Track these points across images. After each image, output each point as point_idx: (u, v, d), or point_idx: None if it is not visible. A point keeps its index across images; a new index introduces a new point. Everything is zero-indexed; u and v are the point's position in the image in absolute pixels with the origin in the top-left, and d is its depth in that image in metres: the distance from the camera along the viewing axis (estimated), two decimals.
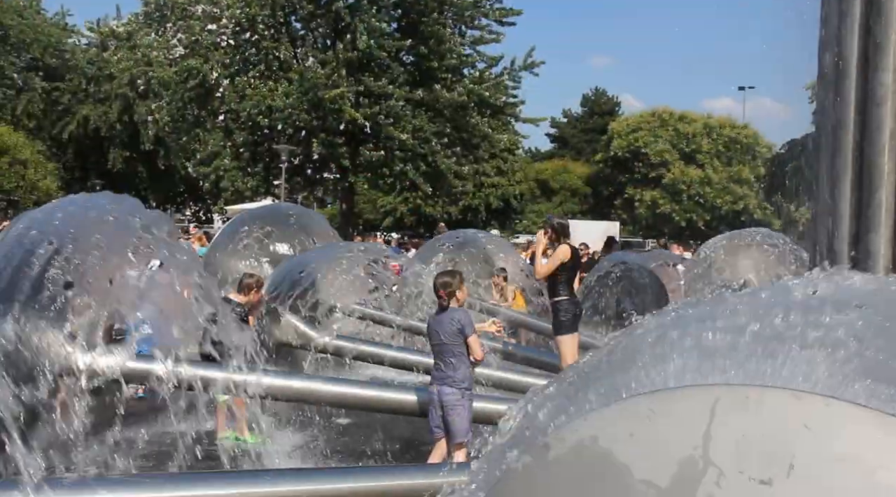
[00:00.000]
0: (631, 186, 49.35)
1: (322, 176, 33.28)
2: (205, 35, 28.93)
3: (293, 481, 2.93)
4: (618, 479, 1.64)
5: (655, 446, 1.60)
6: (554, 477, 1.77)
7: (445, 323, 5.27)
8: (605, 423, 1.71)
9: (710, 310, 2.25)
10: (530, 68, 30.56)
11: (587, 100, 63.14)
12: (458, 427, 5.13)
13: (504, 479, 1.90)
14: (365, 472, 3.16)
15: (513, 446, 2.10)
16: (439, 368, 5.24)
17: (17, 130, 41.18)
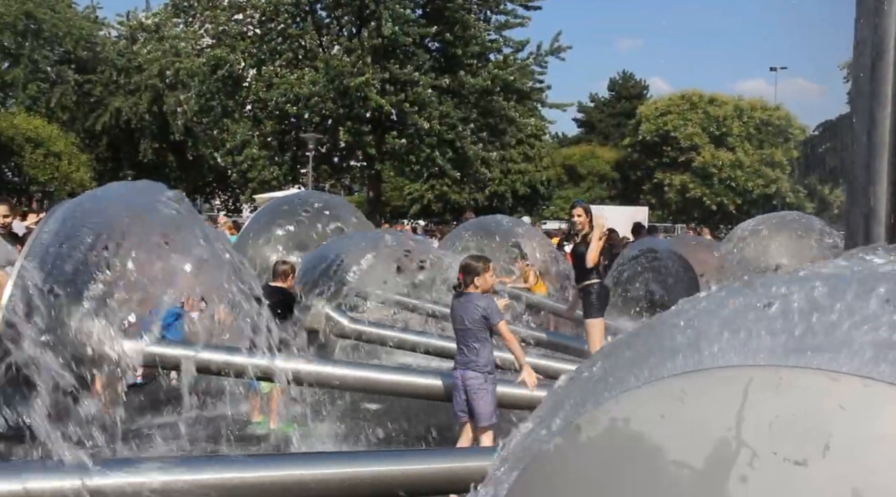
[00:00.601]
0: (660, 171, 48.75)
1: (349, 164, 33.42)
2: (231, 25, 29.12)
3: (320, 464, 2.96)
4: (649, 460, 1.64)
5: (688, 427, 1.60)
6: (586, 458, 1.78)
7: (470, 309, 5.26)
8: (636, 405, 1.71)
9: (746, 292, 2.24)
10: (557, 53, 30.27)
11: (615, 83, 62.41)
12: (483, 411, 5.15)
13: (536, 461, 1.91)
14: (393, 456, 3.19)
15: (544, 429, 2.11)
16: (462, 353, 5.24)
17: (52, 123, 41.99)
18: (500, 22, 30.51)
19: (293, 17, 28.94)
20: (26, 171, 39.61)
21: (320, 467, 2.92)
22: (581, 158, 51.96)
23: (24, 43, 43.91)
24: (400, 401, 6.82)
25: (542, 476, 1.88)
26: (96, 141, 46.39)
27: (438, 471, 2.72)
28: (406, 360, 7.62)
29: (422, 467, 2.78)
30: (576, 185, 51.23)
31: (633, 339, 2.35)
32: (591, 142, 57.46)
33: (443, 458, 2.86)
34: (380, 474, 2.75)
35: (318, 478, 2.84)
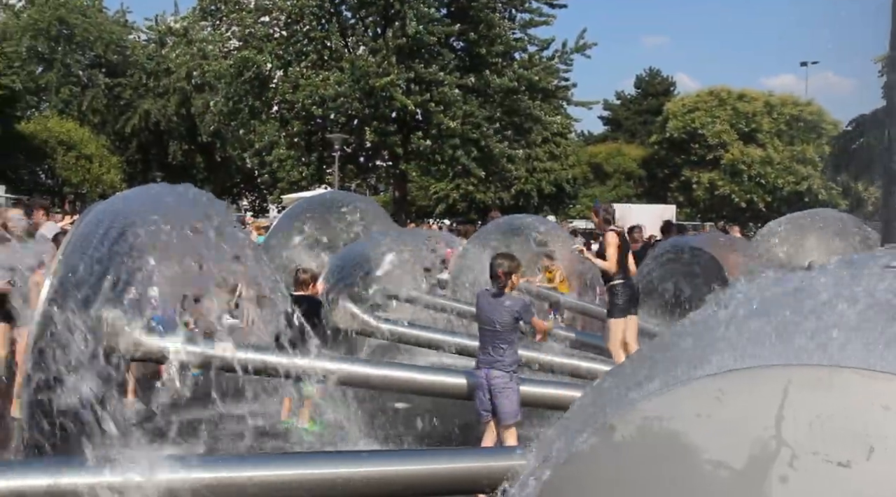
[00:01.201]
0: (688, 168, 48.19)
1: (374, 164, 33.55)
2: (257, 27, 29.39)
3: (346, 463, 2.97)
4: (685, 459, 1.62)
5: (725, 427, 1.57)
6: (620, 457, 1.76)
7: (502, 312, 5.20)
8: (671, 404, 1.69)
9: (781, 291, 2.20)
10: (582, 50, 30.09)
11: (641, 81, 61.88)
12: (507, 409, 5.13)
13: (569, 460, 1.90)
14: (418, 455, 3.19)
15: (577, 428, 2.10)
16: (487, 352, 5.20)
17: (83, 126, 42.81)
18: (524, 20, 30.42)
19: (318, 19, 29.13)
20: (59, 174, 40.42)
21: (346, 466, 2.92)
22: (607, 156, 51.57)
23: (57, 48, 44.83)
24: (427, 400, 6.84)
25: (575, 475, 1.87)
26: (126, 143, 47.19)
27: (464, 470, 2.71)
28: (431, 359, 7.63)
29: (447, 466, 2.78)
30: (602, 183, 50.86)
31: (666, 339, 2.33)
32: (618, 139, 57.01)
33: (468, 457, 2.85)
34: (405, 473, 2.76)
35: (344, 476, 2.84)
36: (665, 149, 49.96)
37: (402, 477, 2.74)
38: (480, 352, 5.25)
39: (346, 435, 5.70)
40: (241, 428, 5.66)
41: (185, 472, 2.69)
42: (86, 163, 40.64)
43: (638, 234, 13.20)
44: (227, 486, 2.64)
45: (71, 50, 45.23)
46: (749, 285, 2.30)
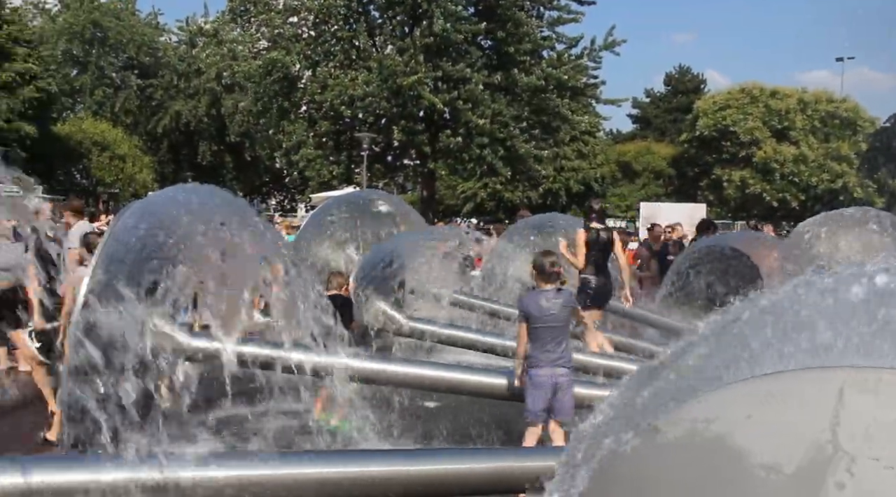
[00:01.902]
0: (718, 167, 47.50)
1: (402, 162, 33.65)
2: (286, 27, 29.63)
3: (386, 462, 2.96)
4: (735, 462, 1.58)
5: (776, 430, 1.53)
6: (665, 460, 1.72)
7: (561, 307, 5.24)
8: (720, 406, 1.65)
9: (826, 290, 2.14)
10: (611, 47, 29.85)
11: (671, 78, 61.17)
12: (570, 406, 5.14)
13: (610, 461, 1.86)
14: (460, 454, 3.17)
15: (617, 429, 2.06)
16: (547, 350, 5.16)
17: (116, 127, 43.59)
18: (552, 18, 30.26)
19: (346, 19, 29.28)
20: (94, 174, 41.19)
21: (381, 465, 2.91)
22: (636, 155, 51.07)
23: (91, 51, 45.72)
24: (457, 399, 6.82)
25: (617, 478, 1.84)
26: (158, 143, 47.95)
27: (508, 469, 2.69)
28: (459, 358, 7.60)
29: (492, 465, 2.76)
30: (631, 182, 50.39)
31: (710, 338, 2.28)
32: (647, 138, 56.42)
33: (513, 456, 2.83)
34: (447, 473, 2.74)
35: (380, 475, 2.84)
36: (695, 147, 49.33)
37: (446, 476, 2.73)
38: (538, 351, 5.17)
39: (377, 433, 5.70)
40: (275, 425, 5.71)
41: (221, 469, 2.71)
42: (119, 163, 41.38)
43: (658, 231, 13.10)
44: (267, 483, 2.64)
45: (104, 52, 46.10)
46: (793, 284, 2.24)
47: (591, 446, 2.23)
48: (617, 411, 2.33)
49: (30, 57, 33.84)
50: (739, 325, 2.23)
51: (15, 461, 2.53)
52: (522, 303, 5.33)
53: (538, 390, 5.15)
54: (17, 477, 2.44)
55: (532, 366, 5.20)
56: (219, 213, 4.87)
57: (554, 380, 5.14)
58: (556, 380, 5.14)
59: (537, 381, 5.15)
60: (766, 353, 1.89)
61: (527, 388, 5.19)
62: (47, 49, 40.03)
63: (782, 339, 1.84)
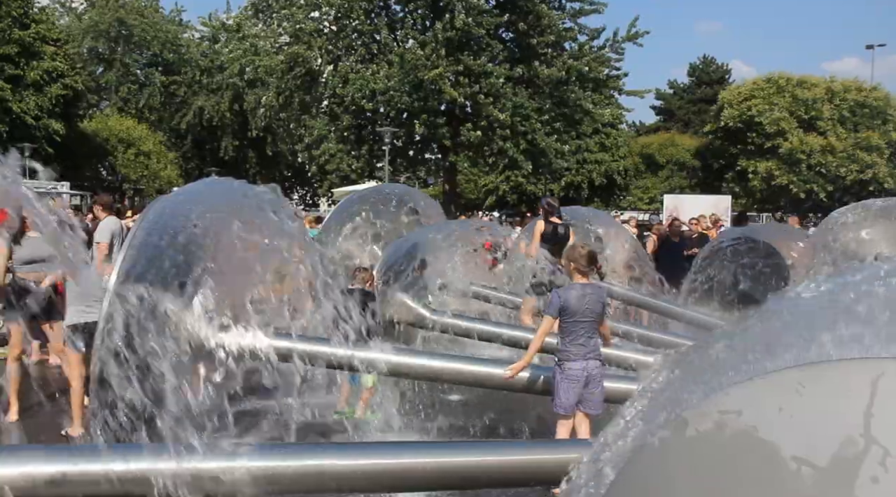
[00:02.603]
0: (743, 158, 46.89)
1: (424, 156, 33.66)
2: (308, 22, 29.72)
3: (415, 453, 2.97)
4: (765, 454, 1.56)
5: (808, 422, 1.51)
6: (693, 452, 1.71)
7: (596, 300, 5.26)
8: (749, 398, 1.63)
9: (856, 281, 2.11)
10: (634, 39, 29.54)
11: (695, 69, 60.50)
12: (600, 399, 5.16)
13: (639, 454, 1.85)
14: (492, 446, 3.18)
15: (645, 421, 2.05)
16: (579, 344, 5.18)
17: (141, 123, 44.12)
18: (574, 10, 30.00)
19: (367, 13, 29.31)
20: (119, 170, 41.76)
21: (410, 456, 2.92)
22: (660, 147, 50.61)
23: (117, 48, 46.29)
24: (480, 392, 6.83)
25: (646, 470, 1.83)
26: (181, 139, 48.46)
27: (540, 462, 2.69)
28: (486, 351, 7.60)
29: (522, 458, 2.76)
30: (654, 174, 49.97)
31: (738, 330, 2.26)
32: (671, 129, 55.92)
33: (544, 449, 2.83)
34: (478, 465, 2.75)
35: (408, 467, 2.85)
36: (720, 138, 48.75)
37: (478, 467, 2.74)
38: (570, 344, 5.19)
39: (402, 425, 5.73)
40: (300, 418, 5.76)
41: (257, 461, 2.73)
42: (144, 159, 41.91)
43: (678, 226, 13.05)
44: (300, 475, 2.67)
45: (129, 50, 46.64)
46: (823, 277, 2.21)
47: (618, 439, 2.22)
48: (644, 403, 2.32)
49: (57, 55, 34.33)
50: (769, 316, 2.21)
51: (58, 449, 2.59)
52: (560, 297, 5.29)
53: (571, 383, 5.16)
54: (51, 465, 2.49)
55: (565, 359, 5.20)
56: (243, 208, 4.92)
57: (587, 372, 5.16)
58: (589, 372, 5.16)
59: (571, 374, 5.17)
60: (796, 344, 1.86)
61: (558, 382, 5.19)
62: (74, 47, 40.56)
63: (811, 331, 1.82)
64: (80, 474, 2.51)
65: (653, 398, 2.30)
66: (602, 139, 42.59)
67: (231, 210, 4.74)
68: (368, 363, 4.99)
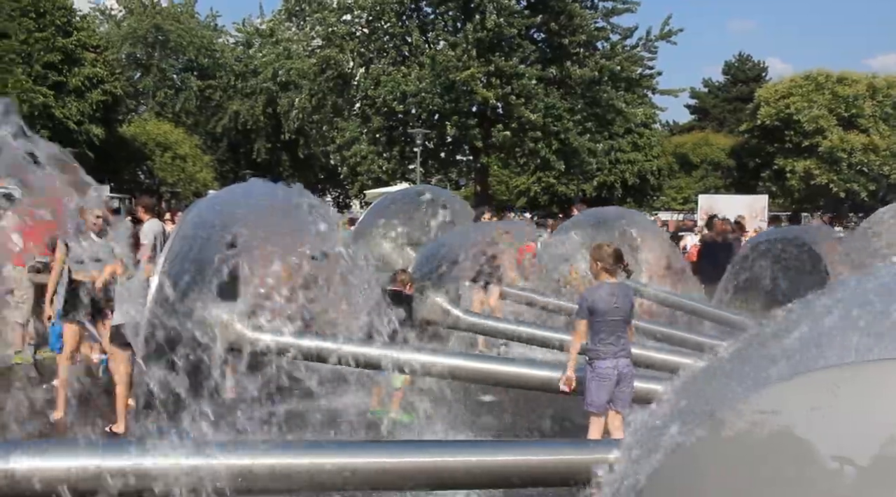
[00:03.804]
0: (781, 157, 46.00)
1: (455, 158, 33.71)
2: (340, 25, 29.99)
3: (452, 452, 3.00)
4: (801, 454, 1.57)
5: (844, 421, 1.51)
6: (728, 451, 1.72)
7: (626, 299, 5.29)
8: (785, 397, 1.64)
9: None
10: (668, 37, 29.21)
11: (730, 67, 59.56)
12: (629, 397, 5.17)
13: (673, 454, 1.87)
14: (524, 446, 3.20)
15: (679, 421, 2.05)
16: (611, 343, 5.20)
17: (178, 127, 44.93)
18: (607, 9, 29.79)
19: (399, 16, 29.47)
20: (157, 173, 42.56)
21: (442, 455, 2.96)
22: (694, 146, 49.94)
23: (154, 54, 47.23)
24: (513, 393, 6.85)
25: (680, 470, 1.84)
26: (217, 143, 49.22)
27: (573, 462, 2.70)
28: (518, 351, 7.61)
29: (555, 458, 2.78)
30: (688, 174, 49.32)
31: (773, 330, 2.25)
32: (705, 129, 55.11)
33: (577, 449, 2.84)
34: (509, 464, 2.78)
35: (439, 466, 2.88)
36: (756, 137, 47.91)
37: (511, 466, 2.76)
38: (600, 344, 5.21)
39: (436, 425, 5.77)
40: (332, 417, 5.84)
41: (286, 457, 2.79)
42: (180, 162, 42.64)
43: (720, 225, 12.81)
44: (329, 472, 2.73)
45: (166, 55, 47.55)
46: (864, 276, 2.20)
47: (652, 438, 2.23)
48: (679, 403, 2.32)
49: (97, 62, 35.12)
50: (804, 317, 2.20)
51: (126, 444, 2.69)
52: (588, 298, 5.31)
53: (603, 382, 5.17)
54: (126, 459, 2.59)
55: (596, 358, 5.22)
56: (278, 210, 5.01)
57: (618, 371, 5.17)
58: (619, 370, 5.18)
59: (602, 373, 5.18)
60: (831, 344, 1.86)
61: (589, 381, 5.20)
62: (113, 53, 41.47)
63: (847, 331, 1.81)
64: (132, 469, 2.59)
65: (687, 398, 2.30)
66: (635, 139, 42.16)
67: (268, 213, 4.84)
68: (404, 364, 5.03)
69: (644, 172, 43.66)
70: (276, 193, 5.26)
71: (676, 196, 47.65)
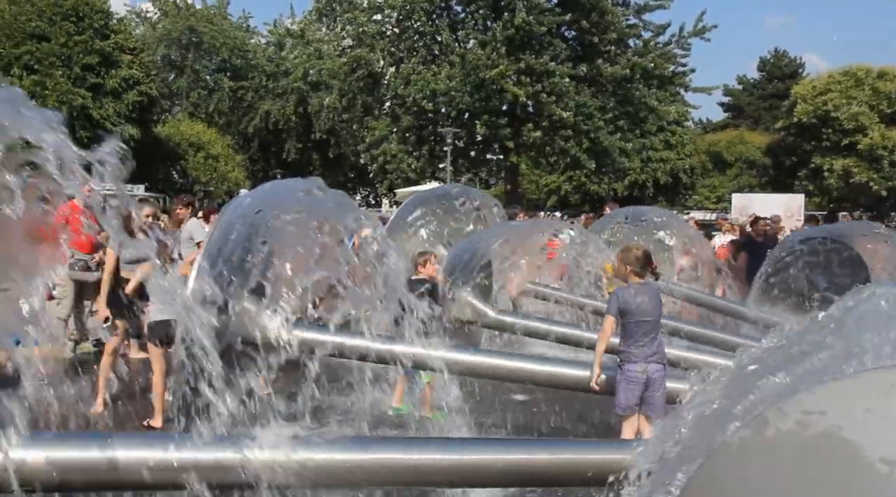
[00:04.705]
0: (818, 155, 45.05)
1: (485, 157, 33.67)
2: (370, 25, 30.14)
3: (484, 451, 2.99)
4: (850, 456, 1.52)
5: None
6: (774, 451, 1.68)
7: (656, 301, 5.25)
8: (835, 398, 1.59)
9: None
10: (701, 34, 28.84)
11: (765, 63, 58.60)
12: (662, 402, 5.09)
13: (716, 453, 1.83)
14: (555, 445, 3.18)
15: (721, 420, 2.01)
16: (642, 345, 5.14)
17: (210, 127, 45.57)
18: (639, 5, 29.51)
19: (429, 15, 29.52)
20: (190, 173, 43.21)
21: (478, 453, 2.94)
22: (728, 144, 49.21)
23: (188, 55, 47.95)
24: (545, 392, 6.80)
25: (723, 469, 1.80)
26: (248, 142, 49.80)
27: (599, 461, 2.67)
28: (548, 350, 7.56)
29: (584, 457, 2.76)
30: (722, 172, 48.62)
31: (821, 329, 2.20)
32: (739, 126, 54.27)
33: (607, 449, 2.81)
34: (545, 462, 2.76)
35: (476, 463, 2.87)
36: (792, 135, 46.99)
37: (542, 465, 2.75)
38: (633, 346, 5.15)
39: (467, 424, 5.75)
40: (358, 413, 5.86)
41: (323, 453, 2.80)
42: (213, 162, 43.23)
43: (763, 225, 12.60)
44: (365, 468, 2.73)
45: (199, 56, 48.25)
46: None
47: (692, 438, 2.19)
48: (718, 402, 2.28)
49: (133, 63, 35.76)
50: (852, 316, 2.14)
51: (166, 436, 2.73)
52: (619, 298, 5.24)
53: (631, 385, 5.11)
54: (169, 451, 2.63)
55: (626, 361, 5.16)
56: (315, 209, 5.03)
57: (647, 376, 5.10)
58: (649, 375, 5.10)
59: (631, 376, 5.12)
60: (883, 346, 1.81)
61: (619, 383, 5.14)
62: (148, 55, 42.19)
63: None
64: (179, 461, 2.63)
65: (726, 397, 2.26)
66: (667, 137, 41.69)
67: (302, 211, 4.87)
68: (437, 362, 5.02)
69: (676, 171, 43.15)
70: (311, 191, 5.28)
71: (710, 195, 47.00)
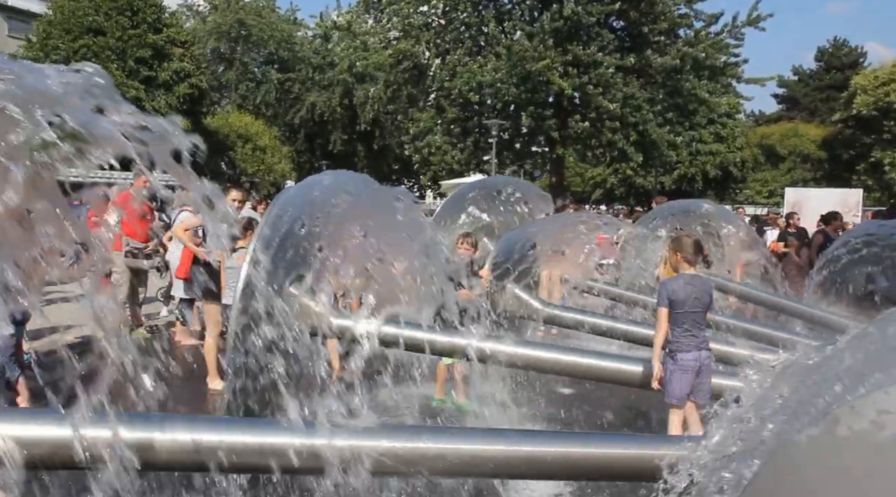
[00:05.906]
0: (878, 148, 43.53)
1: (531, 149, 33.46)
2: (416, 16, 30.16)
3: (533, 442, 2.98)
4: None
5: None
6: (844, 451, 1.64)
7: (706, 290, 5.31)
8: None
9: None
10: (755, 23, 28.02)
11: (823, 53, 56.75)
12: (709, 389, 5.12)
13: (783, 451, 1.79)
14: (605, 438, 3.15)
15: (788, 418, 1.97)
16: (691, 335, 5.22)
17: (258, 119, 46.32)
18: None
19: (475, 6, 29.40)
20: (237, 164, 44.00)
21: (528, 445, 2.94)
22: (781, 137, 47.95)
23: (236, 48, 48.78)
24: (590, 385, 6.76)
25: (791, 468, 1.76)
26: (295, 134, 50.49)
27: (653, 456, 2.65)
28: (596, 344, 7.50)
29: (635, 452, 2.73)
30: (774, 166, 47.42)
31: (882, 329, 2.13)
32: (794, 119, 52.82)
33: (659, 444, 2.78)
34: (595, 456, 2.74)
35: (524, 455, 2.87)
36: (851, 127, 45.49)
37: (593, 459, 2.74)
38: (682, 336, 5.22)
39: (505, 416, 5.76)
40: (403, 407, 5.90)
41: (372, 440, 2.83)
42: (260, 154, 43.95)
43: (797, 220, 12.45)
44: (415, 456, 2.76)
45: (247, 49, 49.04)
46: None
47: (753, 434, 2.15)
48: (782, 399, 2.23)
49: (184, 56, 36.52)
50: None
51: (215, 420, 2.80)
52: (668, 288, 5.27)
53: (685, 374, 5.16)
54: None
55: (678, 350, 5.21)
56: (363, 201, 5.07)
57: (699, 362, 5.16)
58: (701, 362, 5.16)
59: (684, 365, 5.17)
60: None
61: (671, 373, 5.15)
62: (199, 48, 43.02)
63: None
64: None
65: (792, 394, 2.21)
66: (718, 129, 40.86)
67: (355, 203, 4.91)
68: (485, 353, 5.02)
69: (726, 164, 42.28)
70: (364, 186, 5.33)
71: (761, 189, 45.92)
